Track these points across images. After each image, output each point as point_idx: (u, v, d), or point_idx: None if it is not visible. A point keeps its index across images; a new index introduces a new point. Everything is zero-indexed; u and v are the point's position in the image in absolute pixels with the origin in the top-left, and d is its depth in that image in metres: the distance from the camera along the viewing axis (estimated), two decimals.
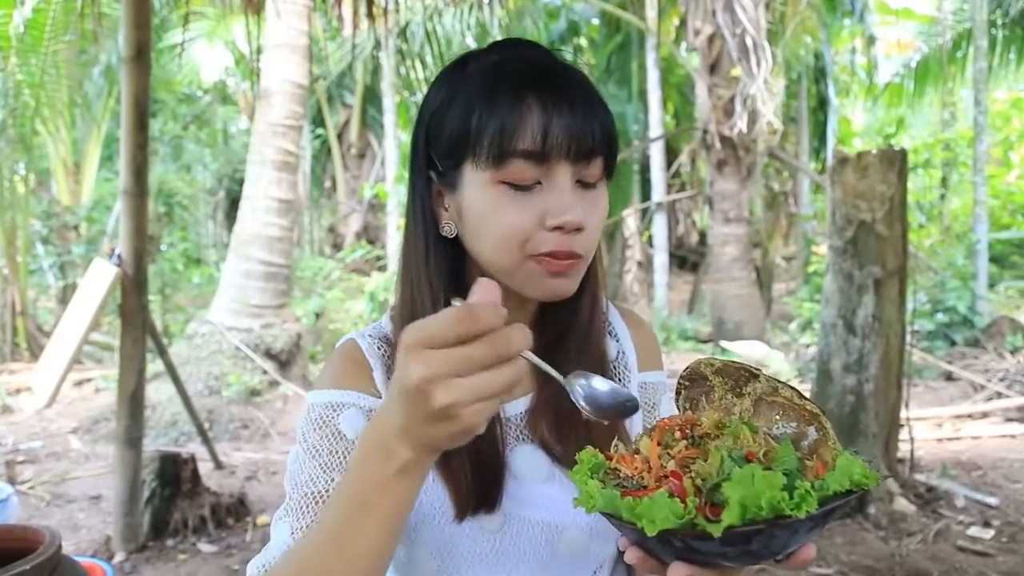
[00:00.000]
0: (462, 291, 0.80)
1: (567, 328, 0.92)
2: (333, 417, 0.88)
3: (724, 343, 9.33)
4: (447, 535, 0.89)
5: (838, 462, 0.66)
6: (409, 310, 0.90)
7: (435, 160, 0.88)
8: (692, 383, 0.82)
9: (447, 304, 0.81)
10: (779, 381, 0.77)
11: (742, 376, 0.79)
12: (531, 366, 0.81)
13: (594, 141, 0.82)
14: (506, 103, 0.81)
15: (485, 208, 0.83)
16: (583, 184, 0.84)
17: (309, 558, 0.71)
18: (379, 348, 0.94)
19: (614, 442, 0.76)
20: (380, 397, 0.91)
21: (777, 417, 0.75)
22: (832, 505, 0.63)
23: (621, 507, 0.64)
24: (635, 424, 0.97)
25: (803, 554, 0.66)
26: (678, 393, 0.83)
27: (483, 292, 0.60)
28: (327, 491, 0.83)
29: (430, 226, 0.89)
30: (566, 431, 0.90)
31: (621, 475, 0.71)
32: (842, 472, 0.65)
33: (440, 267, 0.89)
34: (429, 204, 0.89)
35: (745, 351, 8.83)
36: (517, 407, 0.93)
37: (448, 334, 0.57)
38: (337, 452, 0.86)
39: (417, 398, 0.59)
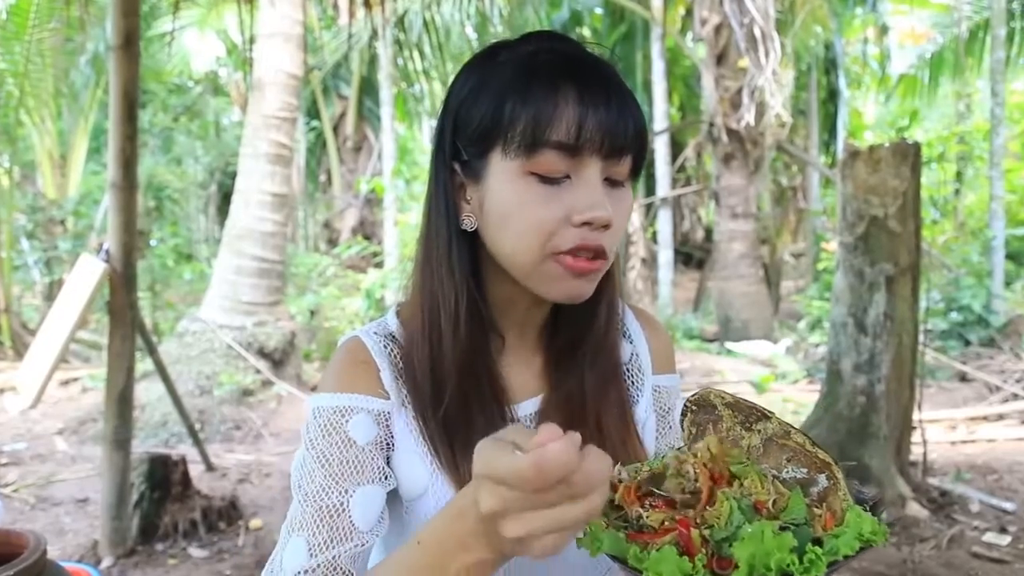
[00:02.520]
0: (480, 288, 0.90)
1: (583, 333, 0.93)
2: (341, 423, 0.87)
3: (730, 344, 9.23)
4: None
5: (848, 516, 0.67)
6: (429, 304, 0.90)
7: (461, 149, 0.87)
8: (700, 408, 0.83)
9: (471, 300, 0.88)
10: (791, 426, 0.77)
11: (753, 414, 0.79)
12: (544, 372, 0.97)
13: (626, 138, 0.83)
14: (541, 93, 0.81)
15: (510, 199, 0.83)
16: (611, 182, 0.85)
17: None
18: (385, 347, 0.93)
19: (616, 468, 0.75)
20: (388, 399, 0.90)
21: (787, 460, 0.76)
22: (839, 565, 0.64)
23: (627, 552, 0.65)
24: (647, 429, 0.99)
25: None
26: (684, 415, 0.83)
27: (548, 434, 0.56)
28: (342, 504, 0.83)
29: (452, 219, 0.89)
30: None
31: (624, 509, 0.72)
32: (853, 531, 0.65)
33: (463, 261, 0.89)
34: (453, 196, 0.89)
35: (752, 351, 8.70)
36: (526, 408, 0.94)
37: (519, 487, 0.56)
38: (348, 461, 0.86)
39: (489, 525, 0.60)
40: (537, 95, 0.81)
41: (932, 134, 13.83)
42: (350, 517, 0.83)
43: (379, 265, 10.91)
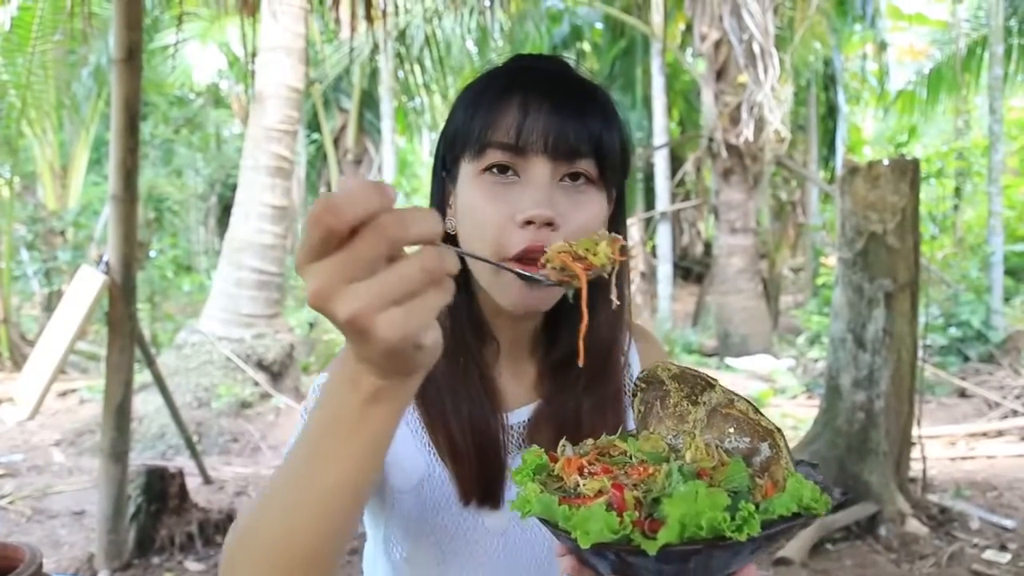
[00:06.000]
0: (472, 295, 0.95)
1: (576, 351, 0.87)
2: None
3: (729, 359, 9.21)
4: (452, 530, 0.93)
5: (788, 483, 0.65)
6: None
7: (446, 159, 0.95)
8: (648, 386, 0.83)
9: (453, 305, 0.88)
10: (735, 394, 0.77)
11: (699, 384, 0.79)
12: (537, 383, 0.99)
13: (576, 141, 0.86)
14: (491, 101, 0.88)
15: (467, 198, 0.89)
16: (570, 185, 0.88)
17: (279, 496, 0.67)
18: None
19: (561, 443, 0.76)
20: None
21: (731, 430, 0.76)
22: (775, 529, 0.62)
23: (557, 514, 0.63)
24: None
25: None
26: (634, 395, 0.84)
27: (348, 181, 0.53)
28: None
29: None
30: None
31: (564, 480, 0.71)
32: (790, 495, 0.64)
33: None
34: (442, 203, 0.96)
35: (751, 366, 8.68)
36: (519, 416, 0.96)
37: (315, 235, 0.51)
38: None
39: (327, 316, 0.53)
40: (488, 103, 0.88)
41: (931, 150, 13.88)
42: None
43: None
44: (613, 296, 0.81)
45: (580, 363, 0.77)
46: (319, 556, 0.66)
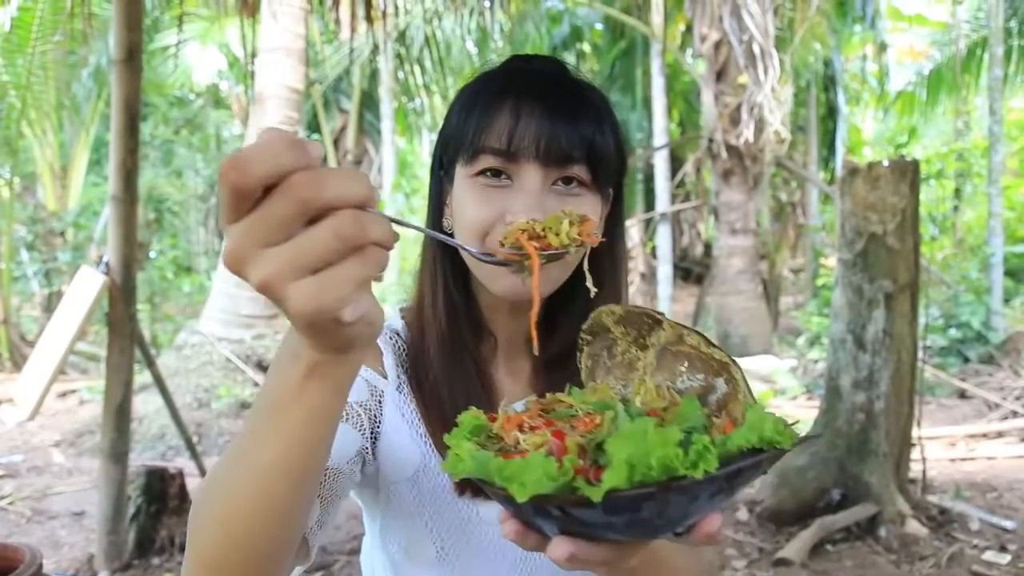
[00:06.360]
0: (470, 291, 0.97)
1: (570, 348, 0.86)
2: None
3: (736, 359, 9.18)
4: (448, 520, 0.94)
5: (748, 417, 0.58)
6: (420, 302, 0.98)
7: (443, 160, 0.96)
8: (595, 337, 0.79)
9: (449, 299, 0.95)
10: (685, 327, 0.72)
11: (645, 324, 0.75)
12: (532, 379, 1.00)
13: (568, 146, 0.86)
14: (484, 106, 0.89)
15: (460, 200, 0.91)
16: (563, 189, 0.89)
17: (219, 474, 0.66)
18: (390, 338, 0.99)
19: (503, 403, 0.71)
20: (386, 377, 0.95)
21: (682, 369, 0.71)
22: (737, 466, 0.54)
23: (492, 471, 0.55)
24: None
25: (706, 526, 0.58)
26: (580, 350, 0.80)
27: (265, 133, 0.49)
28: None
29: (438, 223, 0.98)
30: None
31: (504, 440, 0.64)
32: (750, 428, 0.56)
33: (447, 264, 0.96)
34: (440, 202, 0.98)
35: (754, 366, 8.67)
36: (516, 408, 0.94)
37: (223, 193, 0.47)
38: None
39: (244, 280, 0.50)
40: (482, 107, 0.89)
41: (930, 151, 13.87)
42: None
43: (378, 279, 10.89)
44: (589, 283, 0.80)
45: (535, 351, 0.74)
46: (256, 539, 0.64)
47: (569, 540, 0.56)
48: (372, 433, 0.92)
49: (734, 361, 0.68)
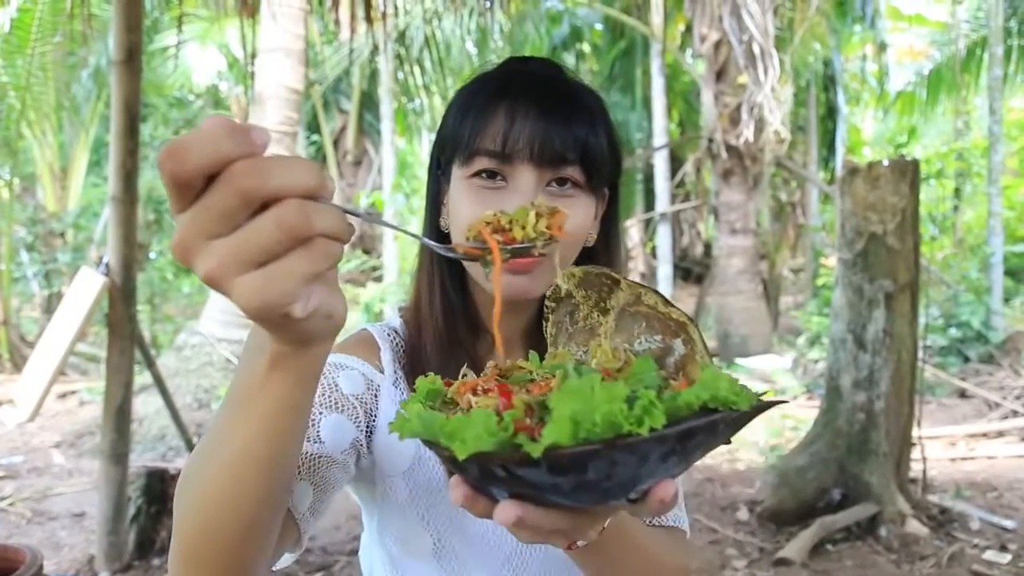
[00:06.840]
0: (466, 290, 0.99)
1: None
2: (334, 373, 0.91)
3: (739, 359, 9.19)
4: (444, 511, 0.94)
5: (702, 376, 0.55)
6: (417, 301, 1.00)
7: (440, 160, 0.98)
8: (559, 304, 0.78)
9: (445, 298, 0.97)
10: (643, 286, 0.71)
11: (604, 286, 0.74)
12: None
13: (562, 148, 0.88)
14: (480, 108, 0.91)
15: (455, 200, 0.93)
16: (557, 190, 0.90)
17: (195, 462, 0.66)
18: (388, 335, 1.01)
19: (462, 370, 0.70)
20: (383, 373, 0.97)
21: (639, 330, 0.70)
22: (687, 425, 0.51)
23: (437, 430, 0.53)
24: None
25: (660, 492, 0.55)
26: (545, 319, 0.80)
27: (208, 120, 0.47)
28: (312, 420, 0.84)
29: (435, 222, 1.00)
30: None
31: (458, 404, 0.63)
32: (703, 385, 0.53)
33: (442, 261, 0.98)
34: (437, 202, 1.00)
35: (754, 366, 8.67)
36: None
37: (164, 182, 0.46)
38: (327, 396, 0.88)
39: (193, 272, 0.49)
40: (478, 109, 0.91)
41: (930, 151, 13.87)
42: (318, 430, 0.84)
43: (378, 279, 10.88)
44: (559, 278, 0.78)
45: (499, 352, 0.72)
46: (230, 525, 0.64)
47: (517, 503, 0.54)
48: (368, 427, 0.93)
49: (692, 320, 0.67)
